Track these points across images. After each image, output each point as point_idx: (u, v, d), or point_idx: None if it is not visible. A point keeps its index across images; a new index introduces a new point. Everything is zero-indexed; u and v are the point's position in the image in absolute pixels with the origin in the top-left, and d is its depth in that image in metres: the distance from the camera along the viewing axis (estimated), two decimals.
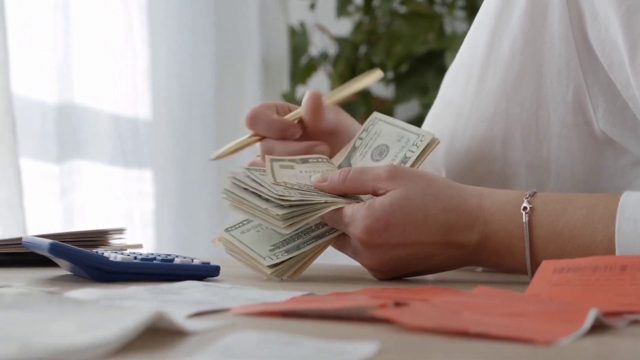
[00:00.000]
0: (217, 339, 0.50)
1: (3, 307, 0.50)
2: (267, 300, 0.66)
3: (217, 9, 2.27)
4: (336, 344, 0.46)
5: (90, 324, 0.46)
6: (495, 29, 0.95)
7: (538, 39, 0.90)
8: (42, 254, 0.88)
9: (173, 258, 0.85)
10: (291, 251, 0.85)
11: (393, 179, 0.82)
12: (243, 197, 0.87)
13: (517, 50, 0.92)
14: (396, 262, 0.83)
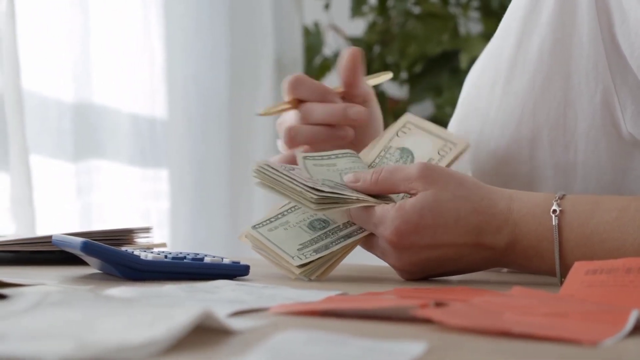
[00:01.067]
0: (262, 338, 0.50)
1: (49, 304, 0.51)
2: (302, 300, 0.66)
3: (232, 9, 2.27)
4: (384, 344, 0.46)
5: (139, 322, 0.47)
6: (523, 30, 0.95)
7: (567, 40, 0.91)
8: (71, 252, 0.88)
9: (203, 257, 0.85)
10: (320, 251, 0.85)
11: (424, 179, 0.82)
12: (276, 179, 0.87)
13: (545, 52, 0.92)
14: (425, 264, 0.84)
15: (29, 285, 0.71)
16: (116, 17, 1.96)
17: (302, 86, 0.99)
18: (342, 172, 0.90)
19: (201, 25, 2.20)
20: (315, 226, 0.88)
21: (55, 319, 0.48)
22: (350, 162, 0.92)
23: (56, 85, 1.81)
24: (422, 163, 0.85)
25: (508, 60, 0.96)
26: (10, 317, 0.48)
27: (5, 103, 1.54)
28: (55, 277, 0.83)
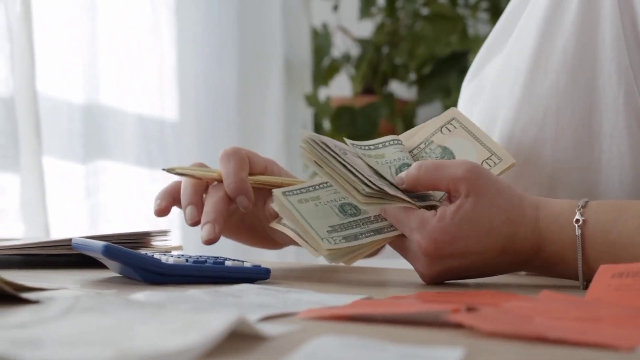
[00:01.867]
0: (296, 344, 0.50)
1: (81, 310, 0.50)
2: (328, 304, 0.66)
3: (241, 11, 2.27)
4: (422, 350, 0.46)
5: (173, 329, 0.46)
6: (544, 32, 0.94)
7: (591, 41, 0.90)
8: (90, 256, 0.88)
9: (224, 260, 0.85)
10: (349, 239, 0.83)
11: (469, 182, 0.81)
12: (326, 157, 0.84)
13: (569, 53, 0.92)
14: (452, 271, 0.83)
15: (52, 289, 0.71)
16: (126, 19, 1.96)
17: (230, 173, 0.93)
18: (390, 165, 0.88)
19: (210, 27, 2.20)
20: (347, 211, 0.86)
21: (89, 325, 0.47)
22: (398, 151, 0.89)
23: (67, 87, 1.81)
24: (469, 164, 0.82)
25: (528, 61, 0.95)
26: (43, 322, 0.48)
27: (17, 105, 1.54)
28: (75, 281, 0.83)
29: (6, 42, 1.50)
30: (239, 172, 0.92)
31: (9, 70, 1.51)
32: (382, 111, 2.33)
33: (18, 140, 1.54)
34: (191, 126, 2.17)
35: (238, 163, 0.93)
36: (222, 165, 0.93)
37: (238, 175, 0.92)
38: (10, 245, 0.97)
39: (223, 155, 0.94)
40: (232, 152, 0.94)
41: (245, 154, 0.94)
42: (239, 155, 0.93)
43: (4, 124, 1.50)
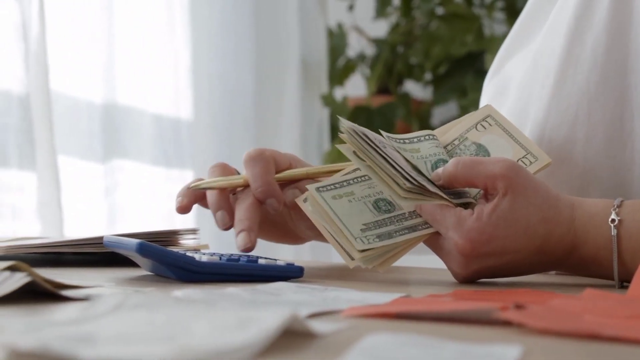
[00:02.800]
0: (348, 341, 0.49)
1: (130, 307, 0.50)
2: (368, 302, 0.65)
3: (257, 10, 2.26)
4: (480, 347, 0.46)
5: (229, 325, 0.46)
6: (575, 31, 0.94)
7: (623, 39, 0.90)
8: (121, 254, 0.88)
9: (257, 259, 0.84)
10: (383, 238, 0.81)
11: (507, 180, 0.80)
12: (367, 149, 0.83)
13: (600, 52, 0.91)
14: (487, 270, 0.83)
15: (89, 287, 0.70)
16: (142, 19, 1.96)
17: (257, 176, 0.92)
18: (426, 160, 0.87)
19: (226, 26, 2.20)
20: (381, 207, 0.84)
21: (140, 322, 0.47)
22: (434, 146, 0.89)
23: (84, 86, 1.81)
24: (507, 161, 0.81)
25: (558, 60, 0.95)
26: (94, 319, 0.48)
27: (32, 104, 1.53)
28: (108, 279, 0.82)
29: (21, 41, 1.50)
30: (265, 175, 0.92)
31: (24, 69, 1.51)
32: (398, 111, 2.33)
33: (34, 138, 1.54)
34: (206, 126, 2.17)
35: (264, 166, 0.92)
36: (247, 169, 0.93)
37: (265, 179, 0.91)
38: (39, 243, 0.96)
39: (248, 160, 0.93)
40: (256, 155, 0.92)
41: (269, 155, 0.93)
42: (263, 157, 0.92)
43: (20, 122, 1.50)
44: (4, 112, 1.47)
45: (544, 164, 0.88)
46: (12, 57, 1.49)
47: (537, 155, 0.89)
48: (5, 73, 1.48)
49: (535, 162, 0.88)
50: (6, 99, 1.48)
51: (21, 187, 1.51)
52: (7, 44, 1.49)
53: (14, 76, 1.50)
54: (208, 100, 2.17)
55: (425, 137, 0.90)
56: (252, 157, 0.92)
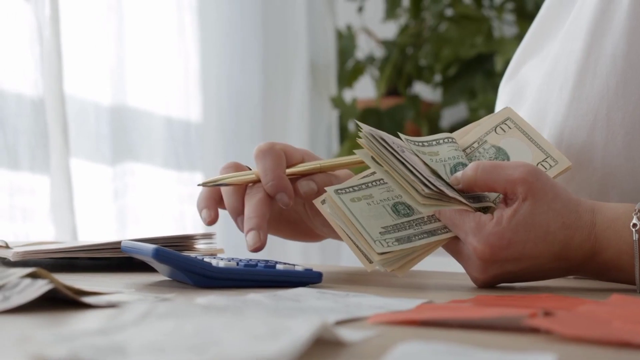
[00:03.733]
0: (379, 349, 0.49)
1: (158, 316, 0.49)
2: (391, 308, 0.65)
3: (265, 12, 2.26)
4: (515, 355, 0.45)
5: (261, 335, 0.45)
6: (594, 34, 0.93)
7: None
8: (140, 259, 0.87)
9: (274, 264, 0.84)
10: (402, 242, 0.81)
11: (527, 185, 0.79)
12: (385, 154, 0.82)
13: (619, 55, 0.90)
14: (506, 275, 0.82)
15: (109, 293, 0.70)
16: (151, 22, 1.95)
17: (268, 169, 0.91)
18: (445, 164, 0.86)
19: (234, 29, 2.19)
20: (400, 211, 0.84)
21: (170, 331, 0.46)
22: (453, 150, 0.88)
23: (94, 89, 1.80)
24: (527, 166, 0.81)
25: (577, 64, 0.94)
26: (123, 328, 0.47)
27: (47, 107, 1.53)
28: (126, 285, 0.82)
29: (36, 44, 1.50)
30: (275, 169, 0.91)
31: (39, 72, 1.51)
32: (407, 113, 2.32)
33: (48, 141, 1.54)
34: (215, 128, 2.16)
35: (274, 159, 0.91)
36: (258, 163, 0.92)
37: (275, 172, 0.91)
38: (56, 248, 0.96)
39: (258, 153, 0.92)
40: (266, 149, 0.92)
41: (280, 148, 0.92)
42: (274, 151, 0.92)
43: (34, 125, 1.50)
44: (17, 115, 1.46)
45: (564, 168, 0.88)
46: (26, 60, 1.49)
47: (557, 159, 0.88)
48: (18, 76, 1.48)
49: (555, 165, 0.88)
50: (19, 102, 1.47)
51: (33, 189, 1.51)
52: (21, 47, 1.48)
53: (28, 79, 1.49)
54: (217, 103, 2.16)
55: (444, 140, 0.89)
56: (263, 151, 0.92)
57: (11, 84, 1.47)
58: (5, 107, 1.45)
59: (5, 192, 1.45)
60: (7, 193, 1.46)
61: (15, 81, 1.48)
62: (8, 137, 1.45)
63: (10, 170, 1.46)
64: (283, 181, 0.91)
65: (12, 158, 1.47)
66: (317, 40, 2.39)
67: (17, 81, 1.48)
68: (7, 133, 1.45)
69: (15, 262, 0.94)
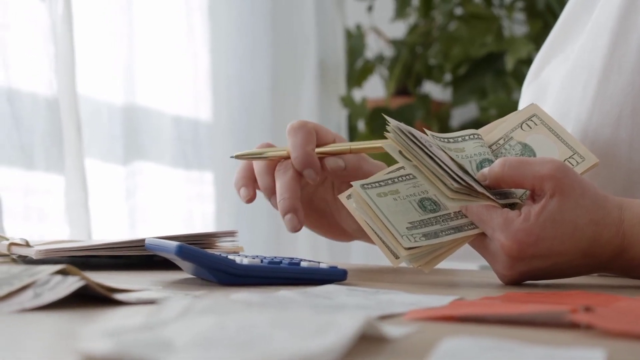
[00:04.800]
0: (422, 345, 0.48)
1: (199, 312, 0.49)
2: (423, 305, 0.64)
3: (274, 12, 2.26)
4: (564, 351, 0.45)
5: (308, 331, 0.45)
6: (618, 30, 0.93)
7: None
8: (165, 257, 0.87)
9: (299, 261, 0.83)
10: (429, 237, 0.80)
11: (555, 181, 0.79)
12: (414, 148, 0.81)
13: None
14: (533, 272, 0.81)
15: (138, 290, 0.69)
16: (161, 22, 1.95)
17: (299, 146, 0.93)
18: (471, 160, 0.86)
19: (244, 29, 2.19)
20: (426, 206, 0.83)
21: (212, 328, 0.46)
22: (479, 146, 0.87)
23: (105, 89, 1.80)
24: (555, 162, 0.80)
25: (602, 60, 0.93)
26: (164, 324, 0.47)
27: (62, 107, 1.53)
28: (151, 282, 0.81)
29: (51, 44, 1.49)
30: (305, 145, 0.92)
31: (53, 71, 1.50)
32: (417, 112, 2.32)
33: (62, 141, 1.53)
34: (225, 127, 2.16)
35: (304, 136, 0.92)
36: (289, 139, 0.93)
37: (304, 149, 0.92)
38: (78, 246, 0.95)
39: (290, 130, 0.93)
40: (298, 126, 0.93)
41: (312, 127, 0.93)
42: (305, 128, 0.93)
43: (48, 125, 1.50)
44: (32, 115, 1.46)
45: (591, 164, 0.87)
46: (40, 59, 1.49)
47: (584, 156, 0.87)
48: (33, 75, 1.48)
49: (582, 162, 0.87)
50: (34, 101, 1.47)
51: (48, 189, 1.50)
52: (36, 46, 1.48)
53: (43, 78, 1.49)
54: (227, 102, 2.16)
55: (469, 136, 0.89)
56: (294, 128, 0.93)
57: (26, 84, 1.47)
58: (20, 107, 1.44)
59: (20, 192, 1.45)
60: (23, 193, 1.45)
61: (30, 80, 1.47)
62: (23, 136, 1.45)
63: (25, 170, 1.46)
64: (311, 157, 0.92)
65: (28, 158, 1.46)
66: (327, 40, 2.38)
67: (32, 80, 1.47)
68: (22, 133, 1.44)
69: (37, 260, 0.93)
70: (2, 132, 1.42)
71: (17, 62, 1.45)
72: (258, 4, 2.22)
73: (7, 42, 1.43)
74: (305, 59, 2.32)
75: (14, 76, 1.44)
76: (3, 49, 1.41)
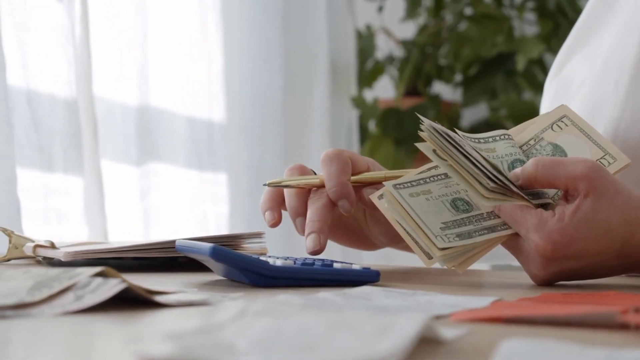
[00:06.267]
0: (478, 347, 0.48)
1: (255, 314, 0.49)
2: (463, 306, 0.64)
3: (286, 13, 2.25)
4: (628, 353, 0.44)
5: (369, 332, 0.44)
6: None
7: None
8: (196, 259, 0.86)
9: (331, 263, 0.83)
10: (463, 237, 0.80)
11: (589, 181, 0.79)
12: (449, 147, 0.81)
13: None
14: (566, 273, 0.81)
15: (176, 292, 0.69)
16: (174, 23, 1.95)
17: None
18: (502, 160, 0.85)
19: (256, 30, 2.19)
20: (459, 207, 0.83)
21: (270, 330, 0.46)
22: (510, 146, 0.87)
23: (119, 89, 1.80)
24: (589, 162, 0.80)
25: (633, 57, 0.93)
26: (222, 327, 0.46)
27: (80, 109, 1.53)
28: (183, 284, 0.81)
29: (69, 44, 1.49)
30: (340, 175, 0.91)
31: (72, 72, 1.50)
32: (428, 113, 2.31)
33: (81, 143, 1.53)
34: (238, 128, 2.16)
35: (340, 166, 0.92)
36: (323, 168, 0.92)
37: (340, 179, 0.91)
38: (105, 248, 0.95)
39: (325, 159, 0.92)
40: (334, 155, 0.92)
41: (347, 156, 0.93)
42: (341, 158, 0.92)
43: (67, 127, 1.49)
44: (50, 116, 1.46)
45: (623, 165, 0.87)
46: (59, 60, 1.48)
47: (615, 156, 0.87)
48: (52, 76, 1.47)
49: (614, 162, 0.87)
50: (53, 103, 1.47)
51: (67, 191, 1.50)
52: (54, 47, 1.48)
53: (61, 79, 1.49)
54: (240, 103, 2.16)
55: (500, 136, 0.88)
56: (330, 157, 0.92)
57: (45, 85, 1.46)
58: (39, 108, 1.44)
59: (39, 193, 1.45)
60: (42, 194, 1.45)
61: (49, 82, 1.47)
62: (42, 138, 1.44)
63: (44, 172, 1.45)
64: (346, 188, 0.91)
65: (47, 159, 1.46)
66: (338, 41, 2.38)
67: (50, 82, 1.47)
68: (41, 134, 1.44)
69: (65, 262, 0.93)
70: (21, 133, 1.41)
71: (36, 63, 1.45)
72: (270, 5, 2.22)
73: (26, 42, 1.43)
74: (316, 59, 2.32)
75: (32, 77, 1.44)
76: (21, 49, 1.41)
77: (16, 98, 1.40)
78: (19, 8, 1.43)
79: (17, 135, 1.40)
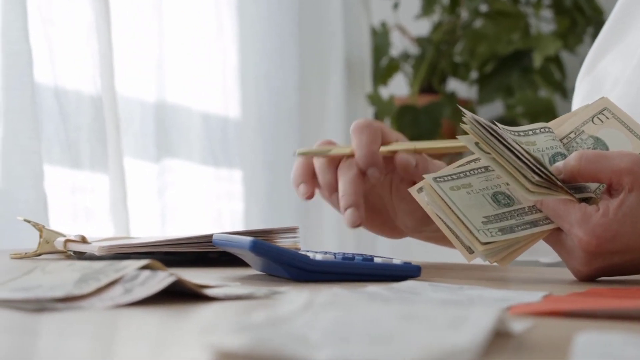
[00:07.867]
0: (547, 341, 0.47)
1: (322, 306, 0.48)
2: (516, 300, 0.63)
3: (301, 10, 2.25)
4: None
5: (442, 325, 0.44)
6: None
7: None
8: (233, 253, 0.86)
9: (372, 257, 0.82)
10: (505, 232, 0.79)
11: (632, 175, 0.77)
12: (492, 140, 0.80)
13: None
14: (610, 268, 0.80)
15: (222, 286, 0.68)
16: (190, 20, 1.94)
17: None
18: (543, 154, 0.84)
19: (271, 27, 2.18)
20: (500, 200, 0.82)
21: (339, 322, 0.45)
22: (550, 139, 0.86)
23: (140, 86, 1.79)
24: (634, 156, 0.79)
25: None
26: (291, 319, 0.46)
27: (105, 106, 1.52)
28: (222, 278, 0.80)
29: (94, 40, 1.48)
30: (370, 144, 0.93)
31: (97, 69, 1.49)
32: (444, 110, 2.30)
33: (106, 140, 1.52)
34: (253, 125, 2.15)
35: (370, 135, 0.93)
36: (354, 137, 0.93)
37: (370, 148, 0.92)
38: (139, 242, 0.95)
39: (355, 128, 0.94)
40: (364, 124, 0.94)
41: (378, 126, 0.94)
42: (371, 127, 0.93)
43: (93, 123, 1.49)
44: (77, 112, 1.45)
45: None
46: (84, 57, 1.48)
47: None
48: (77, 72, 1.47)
49: None
50: (79, 99, 1.46)
51: (93, 188, 1.49)
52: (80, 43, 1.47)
53: (86, 75, 1.48)
54: (255, 100, 2.15)
55: (540, 129, 0.87)
56: (360, 127, 0.93)
57: (71, 81, 1.46)
58: (66, 105, 1.43)
59: (67, 190, 1.44)
60: (70, 191, 1.44)
61: (75, 78, 1.46)
62: (70, 134, 1.44)
63: (71, 168, 1.45)
64: (376, 156, 0.92)
65: (74, 156, 1.45)
66: (353, 38, 2.37)
67: (76, 78, 1.46)
68: (69, 131, 1.43)
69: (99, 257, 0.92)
70: (49, 130, 1.41)
71: (62, 58, 1.44)
72: (285, 2, 2.21)
73: (52, 37, 1.42)
74: (332, 56, 2.31)
75: (59, 73, 1.43)
76: (49, 44, 1.40)
77: (44, 94, 1.40)
78: (45, 3, 1.42)
79: (44, 132, 1.40)
